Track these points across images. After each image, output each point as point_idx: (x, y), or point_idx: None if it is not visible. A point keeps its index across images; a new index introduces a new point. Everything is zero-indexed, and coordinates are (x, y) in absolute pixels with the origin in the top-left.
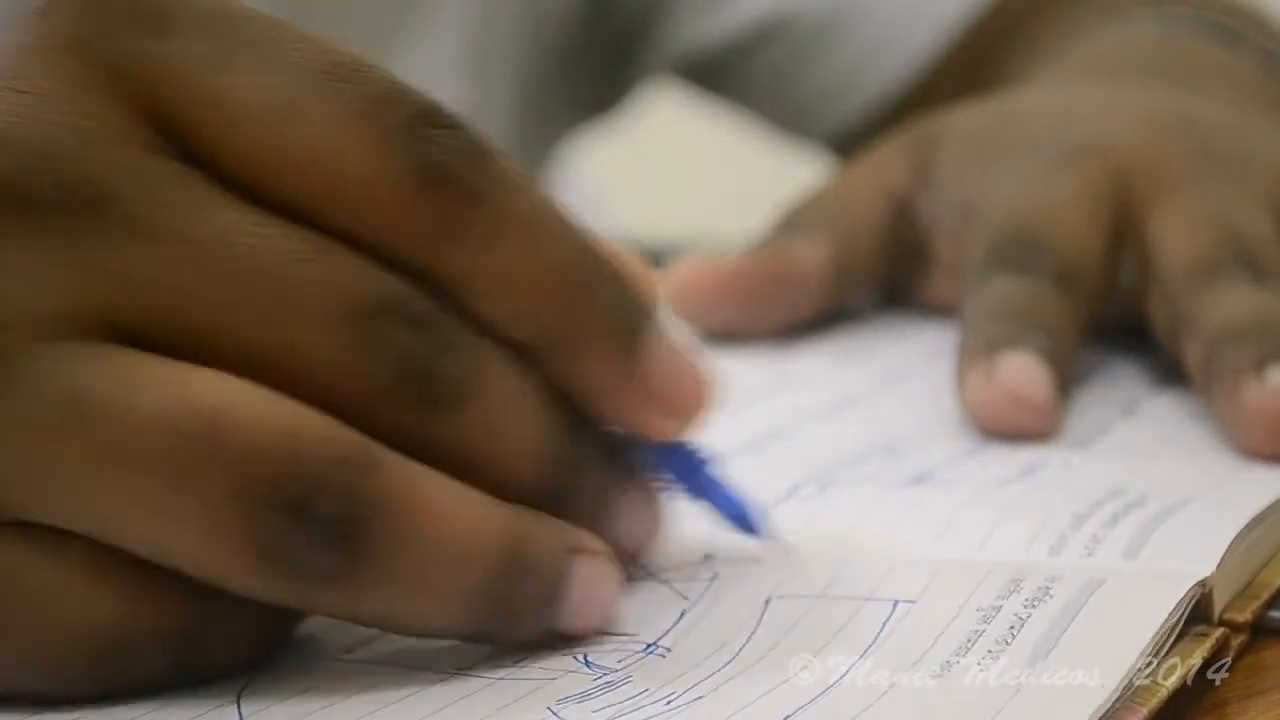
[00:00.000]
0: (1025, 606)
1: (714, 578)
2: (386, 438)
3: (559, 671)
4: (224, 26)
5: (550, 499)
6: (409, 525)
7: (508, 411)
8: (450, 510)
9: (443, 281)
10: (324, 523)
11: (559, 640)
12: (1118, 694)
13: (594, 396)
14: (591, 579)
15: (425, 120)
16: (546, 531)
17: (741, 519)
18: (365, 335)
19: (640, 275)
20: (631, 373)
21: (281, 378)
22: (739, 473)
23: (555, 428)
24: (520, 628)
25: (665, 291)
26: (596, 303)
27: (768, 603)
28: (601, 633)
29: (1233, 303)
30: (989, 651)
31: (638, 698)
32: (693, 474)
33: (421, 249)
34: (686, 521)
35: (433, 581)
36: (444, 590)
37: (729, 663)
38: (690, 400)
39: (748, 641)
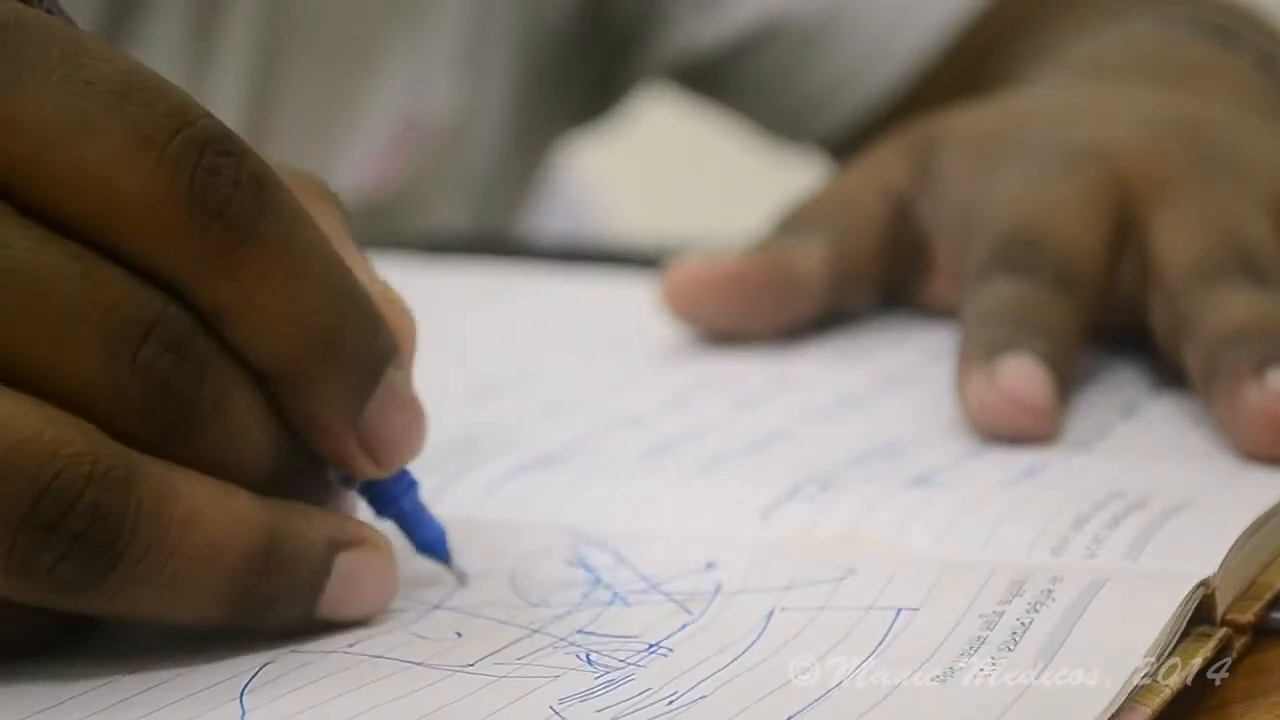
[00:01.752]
0: (1028, 611)
1: (717, 589)
2: (144, 448)
3: (561, 669)
4: (17, 44)
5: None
6: (159, 534)
7: (243, 435)
8: (202, 515)
9: (203, 308)
10: (76, 538)
11: (334, 626)
12: (1121, 696)
13: (312, 432)
14: (353, 572)
15: (209, 146)
16: (306, 528)
17: (430, 546)
18: (122, 355)
19: (395, 321)
20: (352, 421)
21: (45, 390)
22: (739, 473)
23: (282, 451)
24: (275, 618)
25: (663, 293)
26: (339, 349)
27: (770, 615)
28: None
29: (1233, 305)
30: (992, 659)
31: (640, 696)
32: (393, 498)
33: (187, 275)
34: (686, 517)
35: (181, 583)
36: (192, 590)
37: (731, 663)
38: (399, 454)
39: (751, 646)
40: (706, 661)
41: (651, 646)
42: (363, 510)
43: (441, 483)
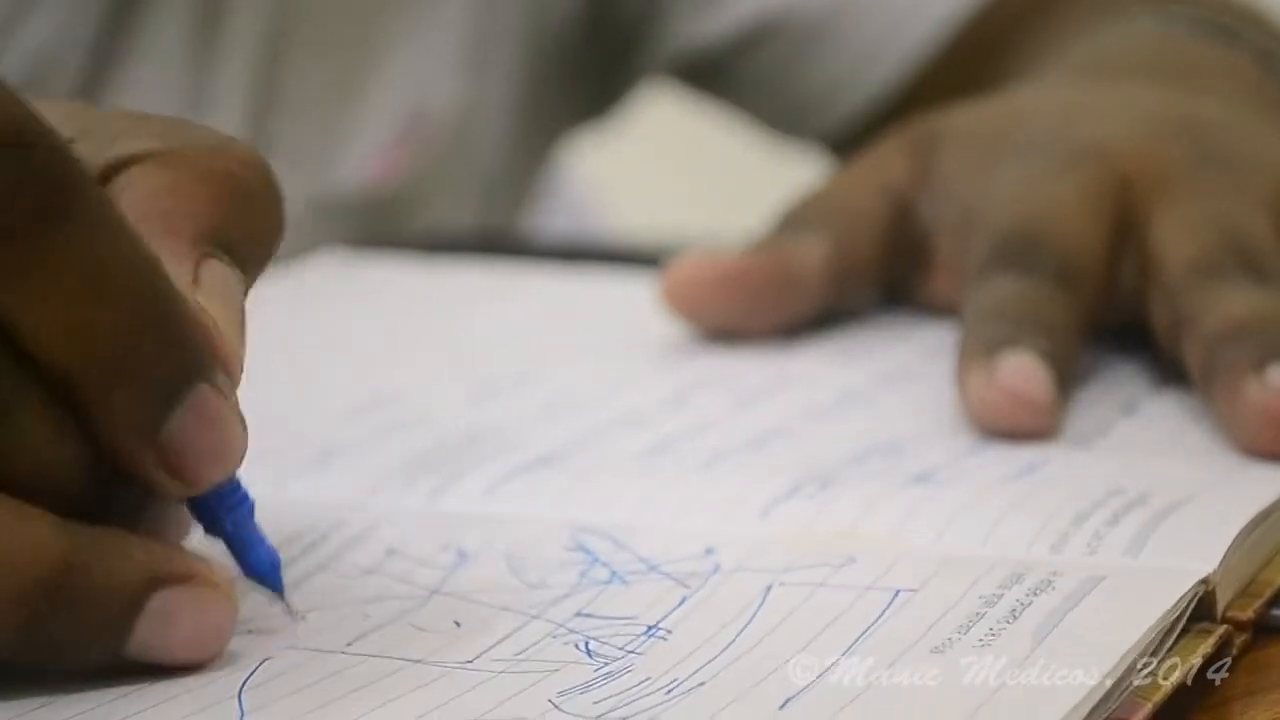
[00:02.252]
0: (1028, 594)
1: (715, 569)
2: None
3: (560, 663)
4: None
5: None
6: None
7: (37, 450)
8: None
9: None
10: None
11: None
12: (1119, 690)
13: (112, 446)
14: (170, 611)
15: None
16: (116, 560)
17: (258, 573)
18: None
19: (215, 337)
20: (148, 438)
21: None
22: (740, 471)
23: (93, 470)
24: (71, 658)
25: (664, 291)
26: (130, 363)
27: (768, 590)
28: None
29: (1233, 302)
30: (990, 630)
31: (639, 687)
32: (216, 517)
33: None
34: (686, 514)
35: None
36: None
37: (729, 646)
38: (206, 473)
39: (748, 625)
40: (705, 645)
41: (650, 629)
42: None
43: (442, 482)
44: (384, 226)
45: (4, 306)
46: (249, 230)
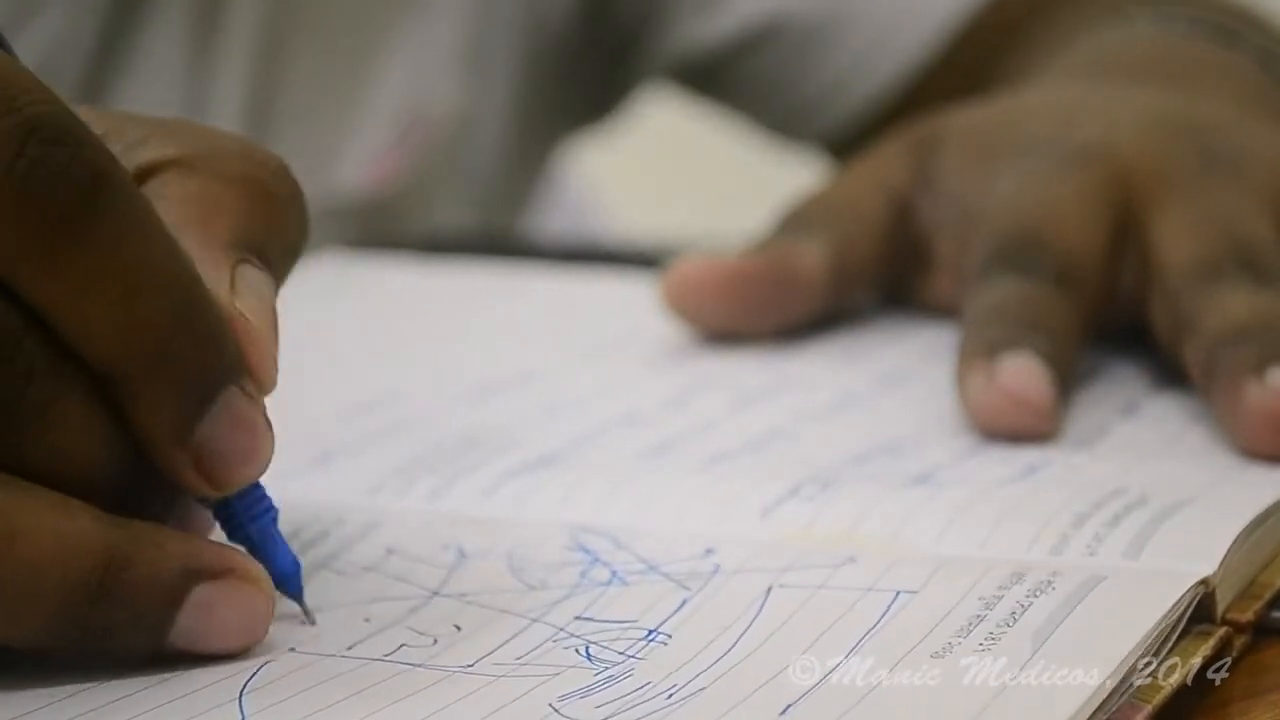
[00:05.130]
0: (1028, 596)
1: (716, 570)
2: None
3: (561, 667)
4: None
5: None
6: None
7: (78, 444)
8: (24, 534)
9: (33, 306)
10: None
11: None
12: (1120, 691)
13: (147, 444)
14: (210, 604)
15: (35, 134)
16: (158, 555)
17: (279, 580)
18: None
19: (250, 343)
20: (182, 437)
21: None
22: (740, 472)
23: (132, 466)
24: (116, 646)
25: (663, 292)
26: (167, 362)
27: (769, 591)
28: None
29: (1233, 304)
30: (990, 634)
31: (640, 691)
32: (241, 523)
33: (9, 270)
34: (686, 515)
35: (6, 604)
36: (20, 612)
37: (730, 650)
38: (235, 476)
39: (749, 628)
40: (705, 649)
41: (650, 633)
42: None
43: (442, 483)
44: (383, 228)
45: (48, 300)
46: (277, 234)
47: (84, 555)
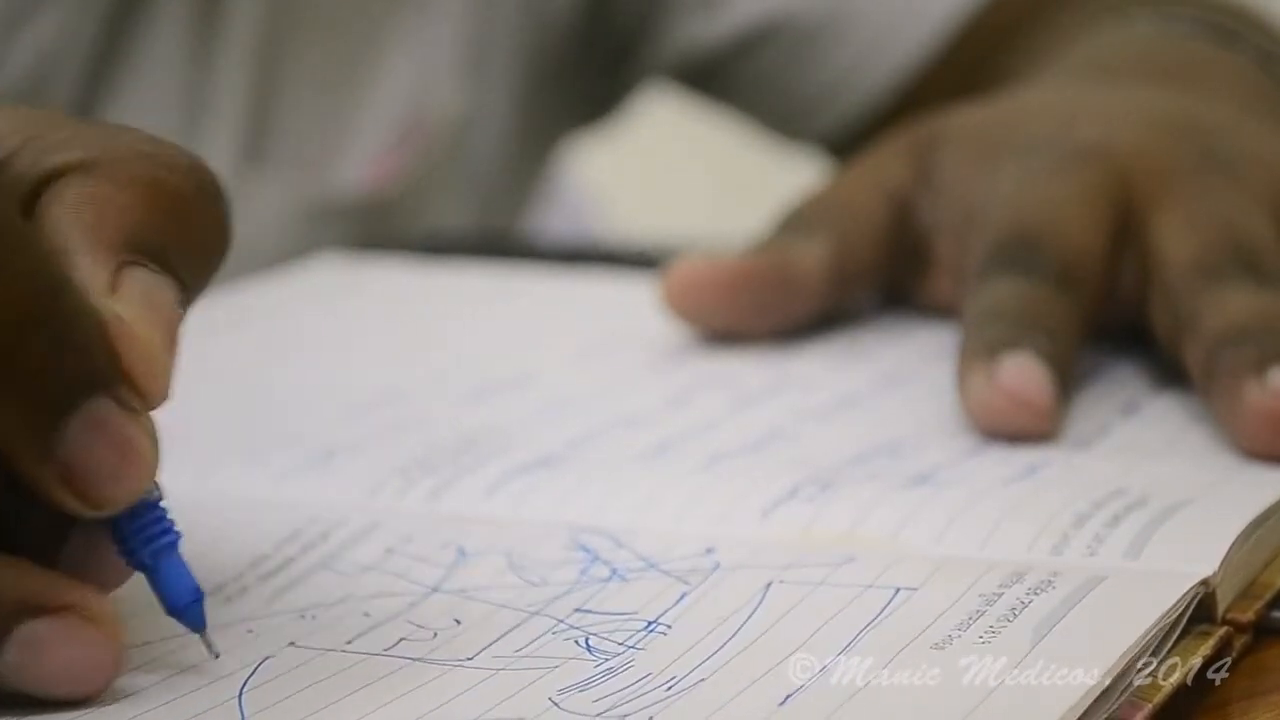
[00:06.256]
0: (1028, 594)
1: (715, 567)
2: None
3: (560, 659)
4: None
5: None
6: None
7: None
8: None
9: None
10: None
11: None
12: (1119, 691)
13: (7, 457)
14: (39, 642)
15: None
16: None
17: (177, 611)
18: None
19: (131, 352)
20: (43, 450)
21: None
22: (739, 472)
23: None
24: None
25: (663, 292)
26: (19, 367)
27: (768, 587)
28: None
29: (1233, 304)
30: (989, 629)
31: (639, 684)
32: (132, 548)
33: None
34: (686, 515)
35: None
36: None
37: (728, 641)
38: (106, 494)
39: (747, 621)
40: (704, 641)
41: (650, 625)
42: None
43: (442, 483)
44: (383, 228)
45: None
46: (182, 237)
47: None
